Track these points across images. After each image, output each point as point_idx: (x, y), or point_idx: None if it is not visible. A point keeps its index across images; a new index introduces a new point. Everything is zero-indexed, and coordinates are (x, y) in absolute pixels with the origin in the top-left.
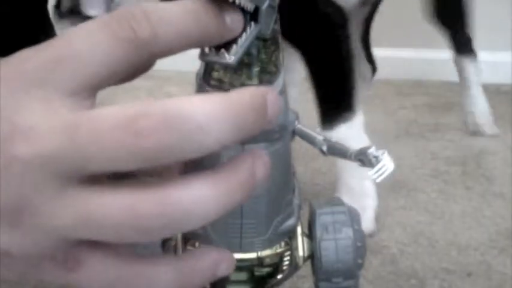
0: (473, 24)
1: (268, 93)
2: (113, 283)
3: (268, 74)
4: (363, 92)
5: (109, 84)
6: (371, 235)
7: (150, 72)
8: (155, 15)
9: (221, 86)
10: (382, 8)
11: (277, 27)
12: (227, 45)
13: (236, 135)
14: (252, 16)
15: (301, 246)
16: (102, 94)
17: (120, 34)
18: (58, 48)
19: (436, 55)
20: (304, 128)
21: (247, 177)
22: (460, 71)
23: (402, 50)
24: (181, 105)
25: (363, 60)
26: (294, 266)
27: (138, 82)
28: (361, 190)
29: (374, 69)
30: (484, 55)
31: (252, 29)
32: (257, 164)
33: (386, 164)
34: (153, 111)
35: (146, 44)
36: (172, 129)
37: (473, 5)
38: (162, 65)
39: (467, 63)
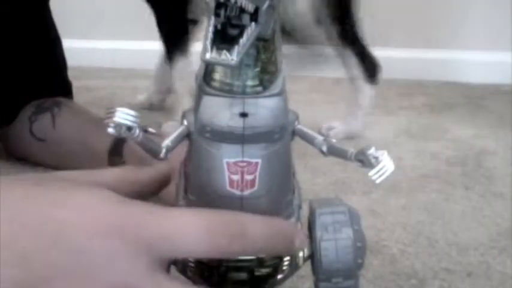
0: (474, 24)
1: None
2: None
3: (268, 74)
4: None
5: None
6: None
7: (150, 72)
8: (252, 235)
9: (222, 87)
10: (382, 8)
11: (277, 27)
12: (228, 46)
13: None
14: (252, 16)
15: None
16: (102, 94)
17: (216, 245)
18: (164, 221)
19: (436, 55)
20: (304, 128)
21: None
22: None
23: (402, 50)
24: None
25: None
26: (294, 266)
27: (138, 82)
28: None
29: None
30: (484, 55)
31: (253, 30)
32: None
33: (387, 165)
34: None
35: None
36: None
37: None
38: None
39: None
